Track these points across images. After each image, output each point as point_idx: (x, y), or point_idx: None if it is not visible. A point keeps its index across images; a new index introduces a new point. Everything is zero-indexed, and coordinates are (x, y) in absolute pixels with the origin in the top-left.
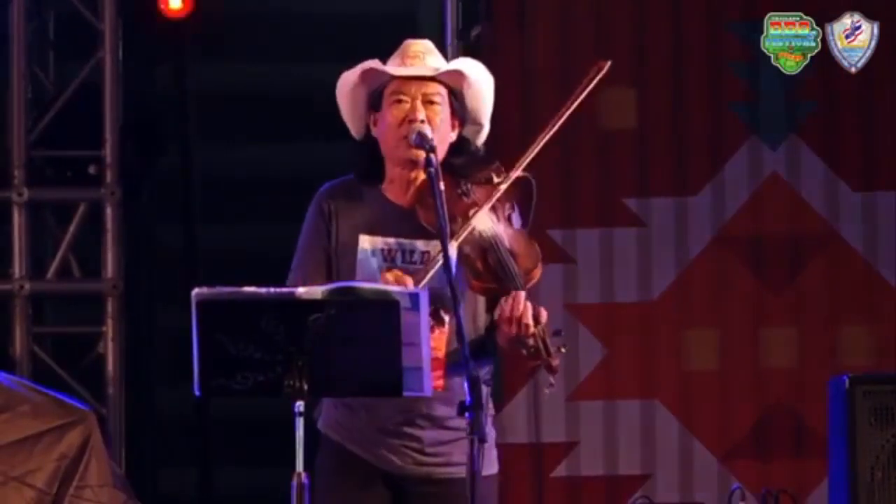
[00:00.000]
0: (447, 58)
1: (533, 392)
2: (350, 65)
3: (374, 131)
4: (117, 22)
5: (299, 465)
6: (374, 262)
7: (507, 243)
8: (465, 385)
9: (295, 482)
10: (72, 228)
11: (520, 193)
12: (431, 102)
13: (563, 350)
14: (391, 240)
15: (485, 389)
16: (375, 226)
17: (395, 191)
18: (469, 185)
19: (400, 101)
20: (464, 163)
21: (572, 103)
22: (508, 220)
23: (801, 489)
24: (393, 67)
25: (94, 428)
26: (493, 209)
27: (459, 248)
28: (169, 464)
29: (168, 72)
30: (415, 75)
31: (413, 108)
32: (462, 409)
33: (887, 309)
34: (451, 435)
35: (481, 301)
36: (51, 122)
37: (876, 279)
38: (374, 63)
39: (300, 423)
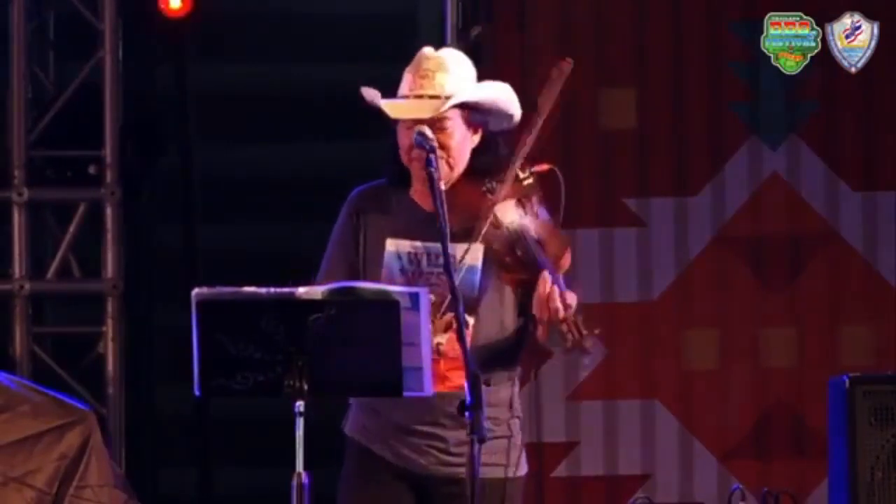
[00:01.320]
0: None
1: (533, 392)
2: (350, 64)
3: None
4: (117, 22)
5: (299, 465)
6: (401, 266)
7: (532, 233)
8: (465, 384)
9: (295, 482)
10: (72, 228)
11: (548, 187)
12: (442, 129)
13: (595, 332)
14: (417, 243)
15: (514, 390)
16: (402, 230)
17: (421, 196)
18: (493, 183)
19: (409, 127)
20: (487, 161)
21: (543, 117)
22: (536, 213)
23: (801, 489)
24: (400, 94)
25: (94, 428)
26: (521, 203)
27: (487, 245)
28: (169, 464)
29: (168, 72)
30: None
31: None
32: (462, 408)
33: (887, 309)
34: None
35: (508, 303)
36: (51, 122)
37: (876, 279)
38: (375, 97)
39: (300, 423)
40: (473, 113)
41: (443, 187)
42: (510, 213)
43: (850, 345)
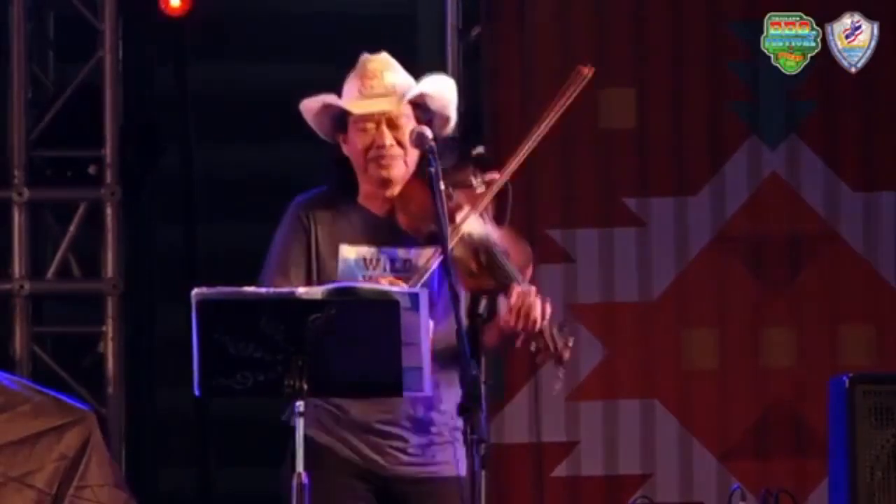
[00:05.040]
0: (447, 57)
1: (533, 392)
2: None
3: (345, 149)
4: (117, 22)
5: (299, 465)
6: (357, 272)
7: (497, 242)
8: (464, 384)
9: (295, 482)
10: (72, 228)
11: (497, 196)
12: (396, 126)
13: (570, 343)
14: (373, 248)
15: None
16: (355, 235)
17: (371, 202)
18: (450, 189)
19: (364, 130)
20: (441, 167)
21: (554, 112)
22: (492, 220)
23: (801, 489)
24: (351, 98)
25: (94, 428)
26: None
27: (450, 252)
28: (169, 464)
29: (168, 72)
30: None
31: (380, 134)
32: (462, 409)
33: (887, 309)
34: (434, 439)
35: (462, 306)
36: (51, 122)
37: (876, 279)
38: (331, 98)
39: (300, 423)
40: (421, 112)
41: (442, 187)
42: (472, 222)
43: (850, 345)
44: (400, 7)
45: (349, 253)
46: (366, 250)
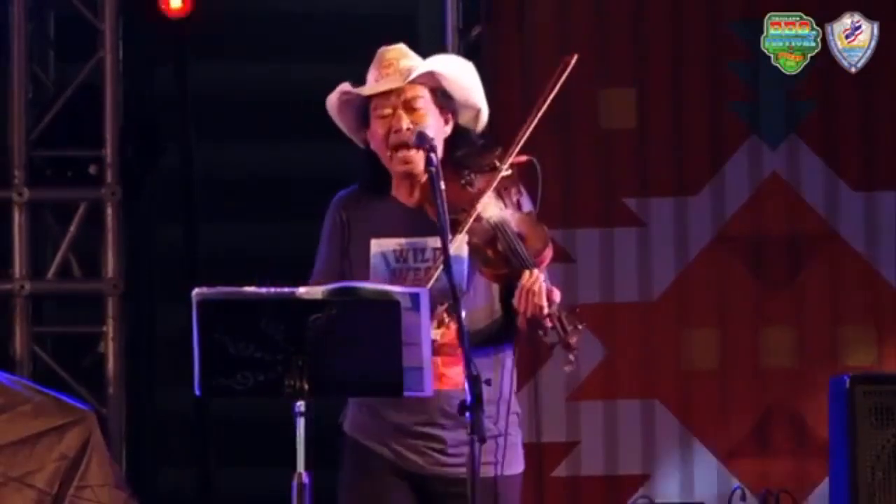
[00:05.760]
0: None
1: (533, 392)
2: (350, 65)
3: (372, 144)
4: (117, 22)
5: (299, 465)
6: (388, 264)
7: (514, 227)
8: (466, 384)
9: (295, 482)
10: (72, 228)
11: (526, 177)
12: (413, 108)
13: (579, 327)
14: (402, 240)
15: (510, 386)
16: (386, 228)
17: (402, 193)
18: (472, 175)
19: (383, 116)
20: (464, 153)
21: (543, 103)
22: (518, 205)
23: (801, 489)
24: (366, 84)
25: (94, 428)
26: (500, 195)
27: (468, 239)
28: (169, 464)
29: (168, 72)
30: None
31: (396, 118)
32: (462, 408)
33: (887, 309)
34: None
35: (495, 291)
36: (51, 122)
37: (876, 279)
38: (346, 86)
39: (300, 423)
40: (442, 98)
41: (443, 186)
42: (490, 207)
43: (850, 345)
44: (400, 7)
45: (379, 246)
46: (395, 242)
